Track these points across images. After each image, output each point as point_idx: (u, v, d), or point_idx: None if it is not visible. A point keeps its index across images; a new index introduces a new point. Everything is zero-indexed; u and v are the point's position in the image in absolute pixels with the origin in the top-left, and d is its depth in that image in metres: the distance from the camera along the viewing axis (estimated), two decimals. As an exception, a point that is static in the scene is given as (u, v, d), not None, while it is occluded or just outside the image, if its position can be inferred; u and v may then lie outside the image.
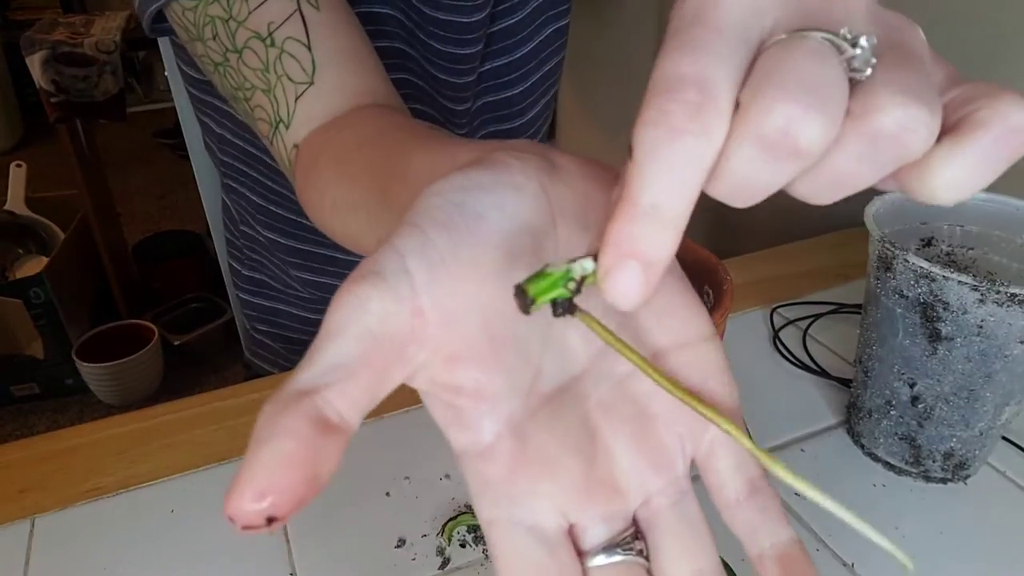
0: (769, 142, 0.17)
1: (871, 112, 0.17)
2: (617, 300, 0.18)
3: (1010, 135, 0.18)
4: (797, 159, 0.17)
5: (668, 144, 0.17)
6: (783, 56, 0.17)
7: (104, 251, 1.98)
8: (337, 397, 0.17)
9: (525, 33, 0.64)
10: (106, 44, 1.74)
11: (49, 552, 0.45)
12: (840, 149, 0.18)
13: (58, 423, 1.84)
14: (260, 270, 0.73)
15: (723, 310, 0.41)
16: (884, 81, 0.17)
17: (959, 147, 0.18)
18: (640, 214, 0.17)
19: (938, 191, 0.18)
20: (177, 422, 0.56)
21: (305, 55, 0.41)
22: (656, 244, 0.18)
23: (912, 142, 0.17)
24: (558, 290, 0.19)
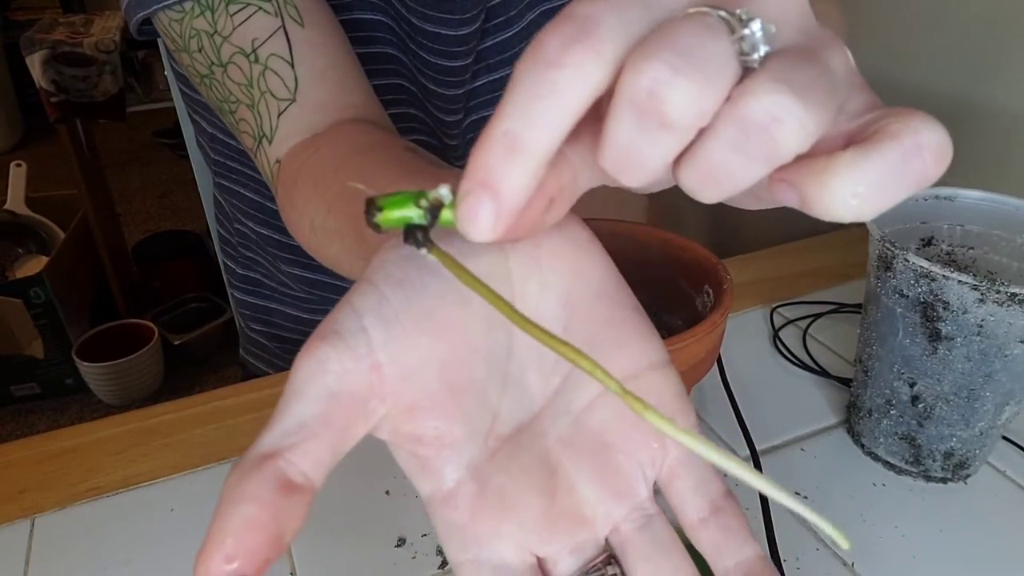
0: (637, 103, 0.16)
1: (743, 96, 0.16)
2: (467, 230, 0.18)
3: (919, 151, 0.17)
4: (665, 128, 0.16)
5: (535, 73, 0.17)
6: (673, 25, 0.17)
7: (104, 251, 1.98)
8: (300, 458, 0.18)
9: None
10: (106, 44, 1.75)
11: (49, 552, 0.45)
12: (712, 133, 0.17)
13: (58, 423, 1.84)
14: (254, 268, 0.73)
15: (723, 310, 0.41)
16: (767, 68, 0.17)
17: (864, 155, 0.17)
18: (494, 141, 0.17)
19: (836, 201, 0.17)
20: (177, 422, 0.56)
21: (288, 72, 0.41)
22: (507, 174, 0.17)
23: (781, 135, 0.16)
24: (410, 209, 0.19)
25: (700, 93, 0.16)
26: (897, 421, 0.49)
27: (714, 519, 0.23)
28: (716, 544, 0.23)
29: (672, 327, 0.49)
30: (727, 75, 0.17)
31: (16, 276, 1.86)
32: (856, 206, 0.17)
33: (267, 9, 0.41)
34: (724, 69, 0.17)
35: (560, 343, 0.18)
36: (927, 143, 0.17)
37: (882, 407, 0.49)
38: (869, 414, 0.51)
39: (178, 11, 0.42)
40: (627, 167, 0.18)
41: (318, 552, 0.45)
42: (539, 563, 0.23)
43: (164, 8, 0.43)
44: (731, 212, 1.13)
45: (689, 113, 0.16)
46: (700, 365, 0.41)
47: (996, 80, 0.71)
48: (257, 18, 0.41)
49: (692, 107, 0.16)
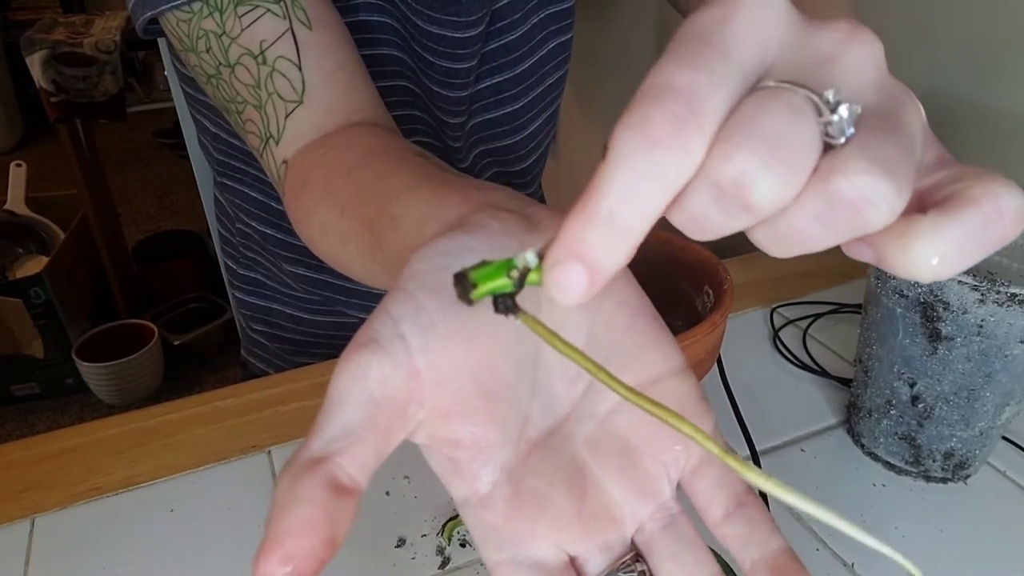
0: (722, 189, 0.17)
1: (833, 175, 0.17)
2: (556, 296, 0.18)
3: (999, 216, 0.17)
4: (748, 211, 0.17)
5: (642, 152, 0.17)
6: (760, 104, 0.17)
7: (104, 251, 1.98)
8: (348, 461, 0.19)
9: (525, 49, 0.64)
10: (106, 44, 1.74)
11: (49, 552, 0.45)
12: (798, 206, 0.17)
13: (58, 423, 1.84)
14: (255, 268, 0.73)
15: (723, 310, 0.41)
16: (857, 147, 0.17)
17: (946, 220, 0.17)
18: (596, 219, 0.17)
19: (917, 263, 0.18)
20: (177, 422, 0.56)
21: (296, 75, 0.42)
22: (606, 252, 0.17)
23: (869, 214, 0.17)
24: (500, 280, 0.19)
25: (786, 184, 0.16)
26: (897, 421, 0.49)
27: (738, 514, 0.23)
28: (742, 538, 0.23)
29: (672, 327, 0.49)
30: (812, 157, 0.17)
31: (16, 276, 1.86)
32: (936, 267, 0.17)
33: (275, 11, 0.42)
34: (810, 153, 0.17)
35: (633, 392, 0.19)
36: (1007, 208, 0.18)
37: (882, 407, 0.49)
38: (869, 414, 0.51)
39: (186, 12, 0.43)
40: (698, 229, 0.18)
41: (318, 552, 0.45)
42: (571, 561, 0.23)
43: (172, 8, 0.43)
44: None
45: (773, 204, 0.17)
46: (700, 365, 0.41)
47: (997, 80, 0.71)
48: (265, 20, 0.41)
49: (777, 197, 0.17)
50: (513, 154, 0.71)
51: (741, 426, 0.52)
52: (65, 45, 1.69)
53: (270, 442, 0.53)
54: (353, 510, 0.18)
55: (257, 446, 0.53)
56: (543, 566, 0.22)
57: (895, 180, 0.17)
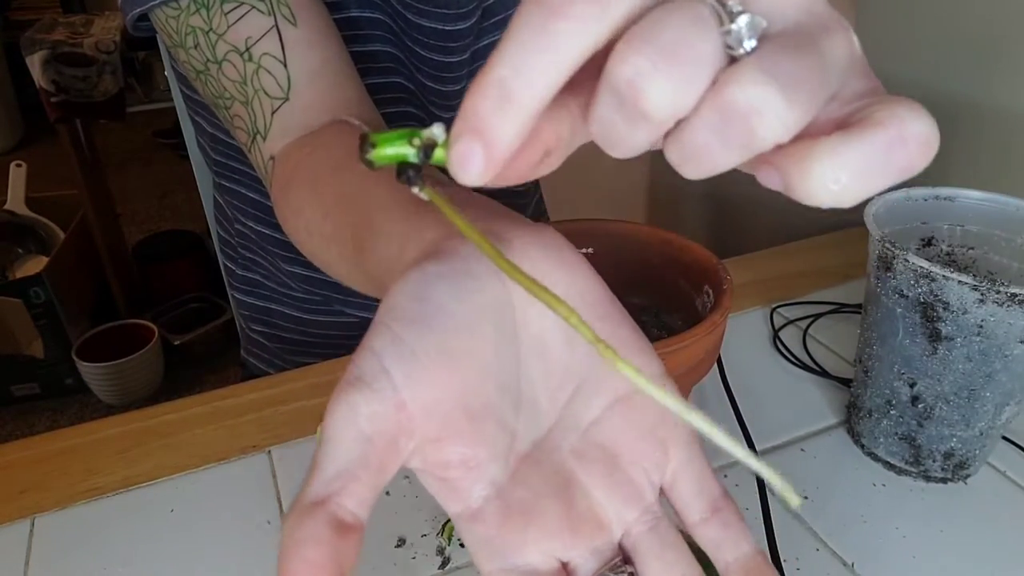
0: (619, 92, 0.17)
1: (725, 84, 0.17)
2: (457, 173, 0.18)
3: (904, 141, 0.17)
4: (644, 117, 0.17)
5: (539, 22, 0.16)
6: (664, 10, 0.17)
7: (104, 251, 1.98)
8: (347, 500, 0.19)
9: None
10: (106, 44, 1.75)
11: (49, 552, 0.45)
12: (696, 117, 0.17)
13: (58, 423, 1.84)
14: (254, 269, 0.73)
15: (723, 310, 0.41)
16: (754, 59, 0.17)
17: (848, 142, 0.17)
18: (488, 88, 0.17)
19: (816, 186, 0.17)
20: (177, 422, 0.56)
21: (281, 71, 0.42)
22: (498, 124, 0.17)
23: (759, 127, 0.16)
24: (403, 148, 0.19)
25: (677, 89, 0.16)
26: (897, 421, 0.49)
27: (714, 518, 0.25)
28: (717, 541, 0.24)
29: (672, 327, 0.49)
30: (709, 71, 0.17)
31: (16, 276, 1.86)
32: (837, 192, 0.17)
33: (260, 8, 0.42)
34: (706, 65, 0.17)
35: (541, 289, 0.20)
36: (912, 133, 0.17)
37: (882, 407, 0.49)
38: (869, 414, 0.51)
39: (174, 8, 0.43)
40: (609, 143, 0.18)
41: (318, 552, 0.45)
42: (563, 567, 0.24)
43: (160, 5, 0.43)
44: (731, 212, 1.13)
45: (666, 108, 0.16)
46: (700, 365, 0.41)
47: (996, 80, 0.71)
48: (251, 17, 0.42)
49: (669, 103, 0.16)
50: None
51: (741, 426, 0.52)
52: (65, 45, 1.69)
53: (270, 442, 0.53)
54: (358, 545, 0.19)
55: (257, 446, 0.53)
56: (535, 573, 0.23)
57: (789, 94, 0.16)
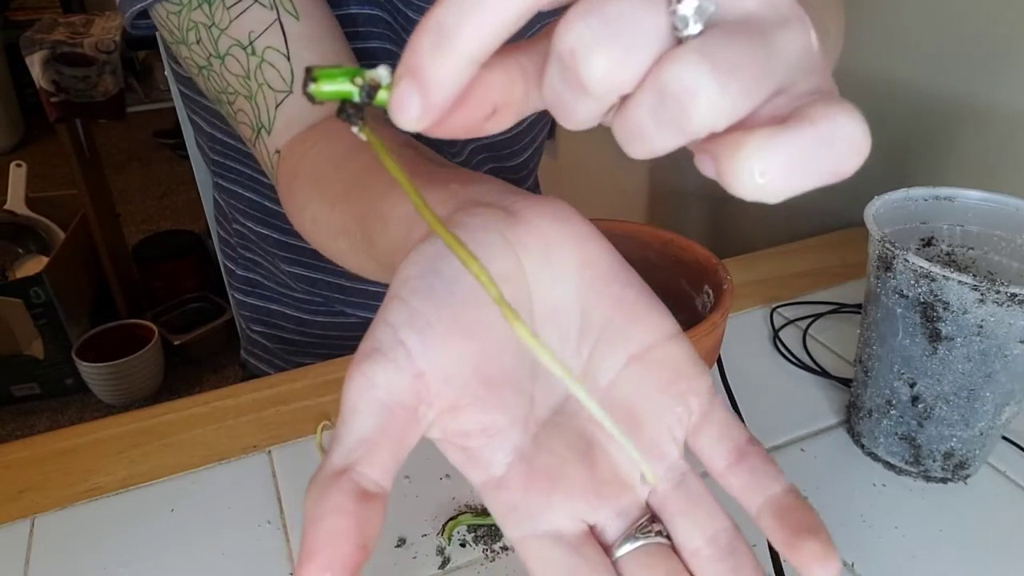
0: (561, 60, 0.17)
1: (664, 64, 0.17)
2: (395, 116, 0.18)
3: (833, 142, 0.17)
4: (583, 88, 0.17)
5: None
6: None
7: (104, 251, 1.98)
8: (369, 469, 0.19)
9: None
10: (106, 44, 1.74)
11: (49, 552, 0.45)
12: (637, 95, 0.17)
13: (58, 423, 1.84)
14: (254, 269, 0.73)
15: (723, 310, 0.41)
16: (696, 43, 0.17)
17: (777, 136, 0.17)
18: (427, 32, 0.17)
19: (742, 177, 0.17)
20: (177, 422, 0.56)
21: (284, 65, 0.42)
22: (433, 67, 0.17)
23: (692, 109, 0.16)
24: (344, 85, 0.19)
25: (617, 64, 0.16)
26: (897, 421, 0.49)
27: (740, 463, 0.24)
28: (745, 486, 0.23)
29: (672, 327, 0.49)
30: (652, 49, 0.17)
31: (16, 276, 1.86)
32: (762, 185, 0.17)
33: (263, 2, 0.42)
34: (650, 43, 0.17)
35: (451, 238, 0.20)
36: (842, 134, 0.17)
37: (882, 407, 0.49)
38: (869, 414, 0.51)
39: (175, 4, 0.43)
40: (558, 112, 0.18)
41: (318, 552, 0.45)
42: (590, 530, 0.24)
43: (159, 1, 0.43)
44: (731, 212, 1.13)
45: (604, 80, 0.17)
46: (700, 365, 0.41)
47: (996, 80, 0.71)
48: (253, 11, 0.42)
49: (608, 76, 0.16)
50: (508, 149, 0.71)
51: (741, 426, 0.52)
52: (65, 45, 1.69)
53: (270, 442, 0.53)
54: (382, 514, 0.19)
55: (257, 446, 0.53)
56: (564, 536, 0.23)
57: (724, 80, 0.16)
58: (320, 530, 0.18)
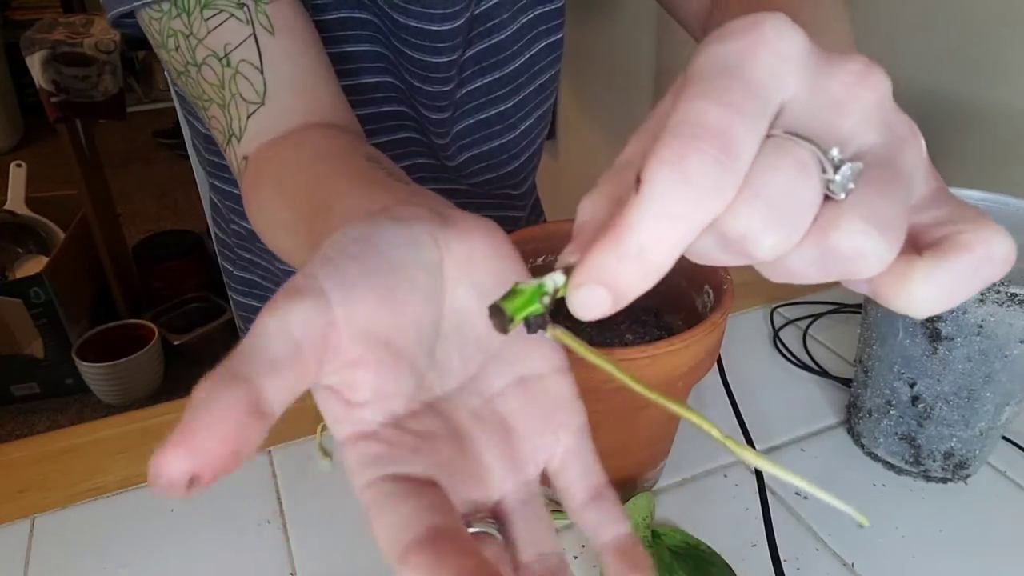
0: (728, 240, 0.18)
1: (832, 230, 0.18)
2: (579, 313, 0.19)
3: (990, 263, 0.19)
4: (749, 258, 0.19)
5: (677, 193, 0.17)
6: (771, 163, 0.18)
7: (104, 251, 1.98)
8: (266, 388, 0.20)
9: (515, 49, 0.64)
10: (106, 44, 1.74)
11: (49, 552, 0.45)
12: (797, 252, 0.19)
13: (58, 423, 1.84)
14: (251, 270, 0.73)
15: (723, 310, 0.41)
16: (855, 203, 0.18)
17: (942, 265, 0.19)
18: (625, 252, 0.18)
19: (914, 303, 0.19)
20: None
21: (257, 77, 0.44)
22: (631, 283, 0.18)
23: (862, 268, 0.18)
24: (533, 306, 0.21)
25: (786, 240, 0.18)
26: (897, 421, 0.49)
27: (595, 502, 0.26)
28: (597, 522, 0.26)
29: (672, 327, 0.49)
30: (813, 214, 0.18)
31: (16, 276, 1.86)
32: (929, 308, 0.19)
33: (239, 16, 0.44)
34: (811, 211, 0.18)
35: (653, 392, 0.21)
36: (998, 255, 0.19)
37: (882, 407, 0.49)
38: (869, 414, 0.51)
39: (156, 11, 0.45)
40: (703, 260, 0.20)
41: (318, 552, 0.45)
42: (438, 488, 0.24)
43: (143, 6, 0.45)
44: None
45: (774, 255, 0.18)
46: (700, 365, 0.41)
47: (996, 80, 0.71)
48: (229, 24, 0.44)
49: (778, 251, 0.18)
50: (505, 153, 0.71)
51: (741, 426, 0.52)
52: (65, 45, 1.69)
53: (270, 442, 0.53)
54: (262, 435, 0.19)
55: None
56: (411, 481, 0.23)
57: (888, 236, 0.18)
58: (202, 421, 0.18)
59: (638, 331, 0.48)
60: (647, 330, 0.49)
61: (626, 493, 0.47)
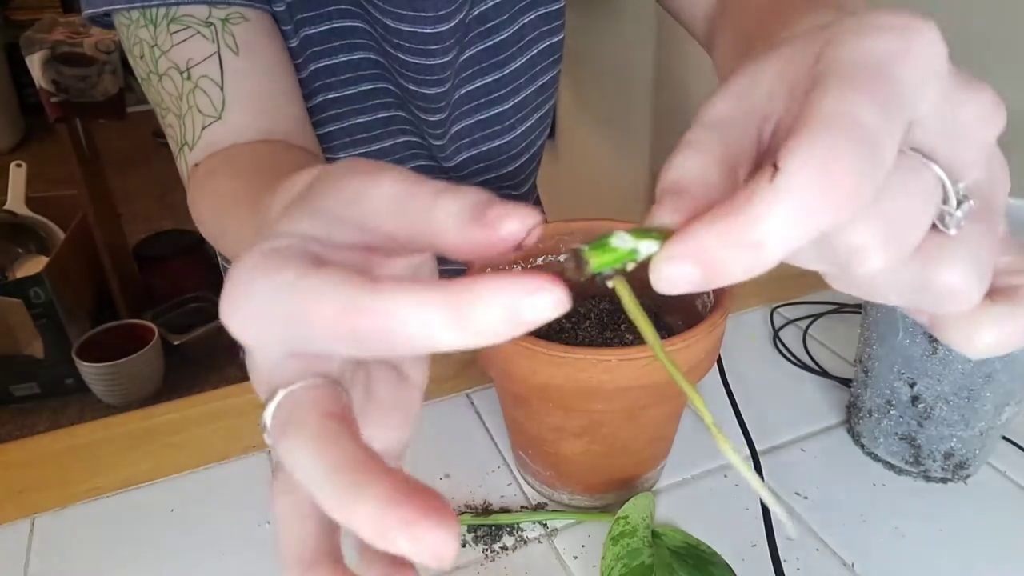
0: (836, 249, 0.18)
1: (938, 263, 0.18)
2: (659, 285, 0.18)
3: None
4: (846, 270, 0.18)
5: (820, 193, 0.16)
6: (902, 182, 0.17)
7: (104, 251, 1.98)
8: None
9: (514, 50, 0.64)
10: (106, 44, 1.74)
11: (49, 552, 0.45)
12: (893, 274, 0.19)
13: (58, 423, 1.83)
14: None
15: (723, 310, 0.41)
16: (965, 241, 0.18)
17: (1012, 314, 0.19)
18: (741, 242, 0.17)
19: (977, 345, 0.20)
20: (177, 422, 0.56)
21: (217, 93, 0.45)
22: (733, 273, 0.17)
23: (951, 304, 0.18)
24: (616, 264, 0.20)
25: (894, 262, 0.18)
26: (897, 421, 0.49)
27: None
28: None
29: (672, 327, 0.49)
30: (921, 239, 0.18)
31: (16, 276, 1.86)
32: (989, 351, 0.20)
33: (205, 34, 0.45)
34: (921, 237, 0.18)
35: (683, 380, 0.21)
36: None
37: (882, 407, 0.49)
38: (869, 414, 0.51)
39: (126, 18, 0.46)
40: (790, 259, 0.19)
41: (318, 552, 0.45)
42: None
43: (113, 12, 0.46)
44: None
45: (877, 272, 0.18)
46: (700, 365, 0.41)
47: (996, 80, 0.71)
48: (195, 41, 0.45)
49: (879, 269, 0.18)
50: (505, 154, 0.71)
51: (741, 426, 0.52)
52: (65, 45, 1.68)
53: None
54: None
55: (257, 446, 0.53)
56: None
57: (985, 280, 0.18)
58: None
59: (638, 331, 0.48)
60: (647, 330, 0.48)
61: (626, 493, 0.47)
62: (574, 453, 0.44)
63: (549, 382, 0.39)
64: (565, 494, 0.47)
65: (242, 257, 0.20)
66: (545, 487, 0.48)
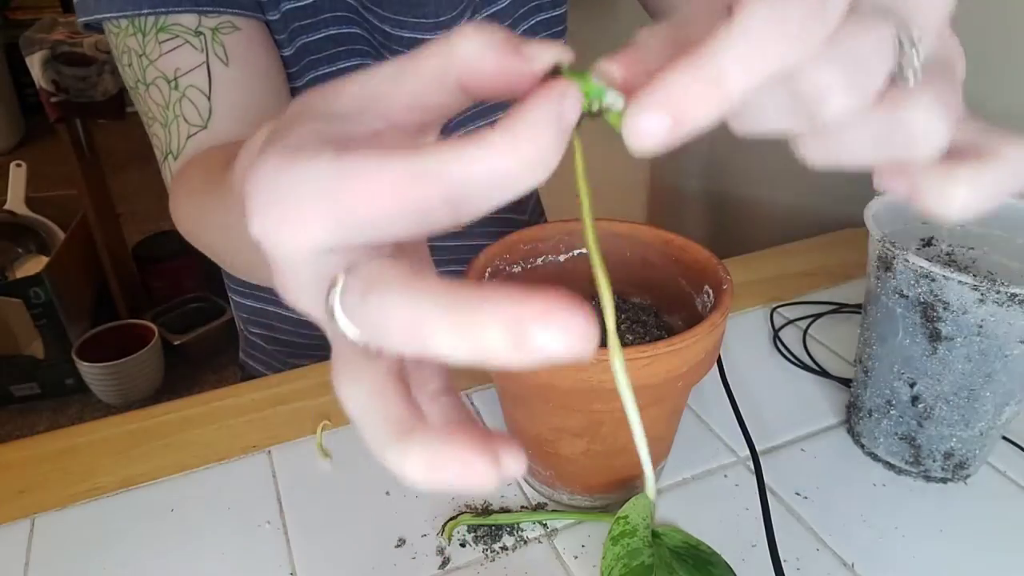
0: (799, 95, 0.18)
1: (904, 104, 0.19)
2: (632, 140, 0.18)
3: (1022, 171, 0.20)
4: (810, 119, 0.19)
5: (774, 27, 0.17)
6: (857, 29, 0.18)
7: (104, 251, 1.98)
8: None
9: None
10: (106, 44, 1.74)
11: (49, 552, 0.45)
12: (861, 124, 0.19)
13: (58, 423, 1.83)
14: None
15: (723, 310, 0.41)
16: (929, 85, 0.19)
17: (987, 168, 0.20)
18: (702, 75, 0.17)
19: (954, 203, 0.20)
20: (177, 422, 0.56)
21: (204, 103, 0.45)
22: (697, 111, 0.17)
23: (923, 147, 0.19)
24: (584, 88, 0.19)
25: (856, 104, 0.18)
26: (897, 421, 0.49)
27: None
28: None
29: (672, 327, 0.49)
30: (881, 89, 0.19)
31: (16, 276, 1.86)
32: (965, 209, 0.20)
33: (194, 44, 0.45)
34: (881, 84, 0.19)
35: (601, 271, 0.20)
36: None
37: (882, 407, 0.49)
38: (869, 414, 0.51)
39: (115, 25, 0.46)
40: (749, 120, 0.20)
41: (318, 552, 0.45)
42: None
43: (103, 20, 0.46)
44: (731, 212, 1.13)
45: (835, 119, 0.19)
46: (700, 365, 0.41)
47: (996, 80, 0.71)
48: (183, 50, 0.45)
49: (841, 115, 0.19)
50: None
51: (741, 426, 0.52)
52: (65, 45, 1.68)
53: (270, 442, 0.53)
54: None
55: (257, 446, 0.53)
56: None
57: (951, 121, 0.19)
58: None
59: (638, 331, 0.48)
60: (647, 330, 0.49)
61: (626, 493, 0.47)
62: (574, 453, 0.44)
63: (549, 382, 0.39)
64: (565, 494, 0.47)
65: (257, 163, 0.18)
66: (545, 487, 0.48)
